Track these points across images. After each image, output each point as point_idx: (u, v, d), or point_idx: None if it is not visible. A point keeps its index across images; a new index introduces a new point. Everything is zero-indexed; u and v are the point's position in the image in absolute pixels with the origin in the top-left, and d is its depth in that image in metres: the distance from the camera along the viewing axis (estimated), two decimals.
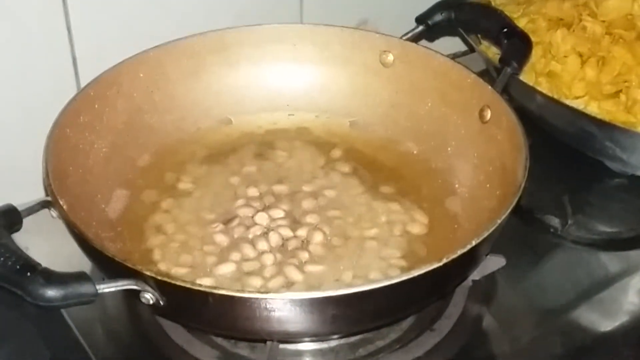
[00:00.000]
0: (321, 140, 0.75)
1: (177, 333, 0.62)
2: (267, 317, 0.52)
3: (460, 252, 0.54)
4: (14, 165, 0.72)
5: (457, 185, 0.70)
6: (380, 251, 0.65)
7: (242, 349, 0.61)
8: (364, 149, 0.75)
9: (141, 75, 0.71)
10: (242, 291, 0.53)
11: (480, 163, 0.68)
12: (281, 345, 0.59)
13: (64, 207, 0.57)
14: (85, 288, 0.50)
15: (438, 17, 0.76)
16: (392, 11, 0.85)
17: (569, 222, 0.72)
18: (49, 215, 0.58)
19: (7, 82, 0.70)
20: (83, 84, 0.70)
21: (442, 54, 0.74)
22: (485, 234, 0.55)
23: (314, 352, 0.62)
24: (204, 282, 0.60)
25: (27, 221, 0.58)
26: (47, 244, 0.65)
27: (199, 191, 0.70)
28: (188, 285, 0.51)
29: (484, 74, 0.79)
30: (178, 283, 0.51)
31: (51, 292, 0.49)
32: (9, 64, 0.69)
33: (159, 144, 0.72)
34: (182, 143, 0.73)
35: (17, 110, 0.71)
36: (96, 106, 0.68)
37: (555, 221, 0.72)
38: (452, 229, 0.67)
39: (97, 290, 0.51)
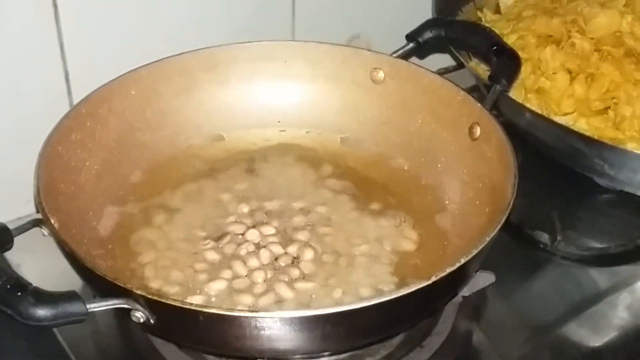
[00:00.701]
0: (312, 156, 0.75)
1: (168, 350, 0.62)
2: (257, 335, 0.52)
3: (449, 270, 0.54)
4: (5, 182, 0.72)
5: (447, 202, 0.70)
6: (371, 268, 0.65)
7: None
8: (354, 165, 0.75)
9: (133, 92, 0.71)
10: (232, 310, 0.53)
11: (470, 180, 0.69)
12: None
13: (55, 225, 0.57)
14: (75, 307, 0.50)
15: (428, 35, 0.76)
16: (383, 28, 0.86)
17: (558, 237, 0.72)
18: (41, 233, 0.59)
19: None
20: (76, 101, 0.70)
21: (432, 71, 0.74)
22: (474, 252, 0.56)
23: None
24: (195, 300, 0.60)
25: (18, 238, 0.58)
26: (38, 262, 0.65)
27: (190, 208, 0.70)
28: (178, 304, 0.52)
29: (475, 89, 0.80)
30: (168, 302, 0.52)
31: (41, 312, 0.49)
32: (1, 81, 0.69)
33: (151, 161, 0.73)
34: (174, 160, 0.74)
35: (9, 127, 0.71)
36: (88, 124, 0.68)
37: (544, 237, 0.73)
38: (442, 245, 0.67)
39: (87, 309, 0.51)
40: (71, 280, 0.58)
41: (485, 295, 0.67)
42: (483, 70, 0.80)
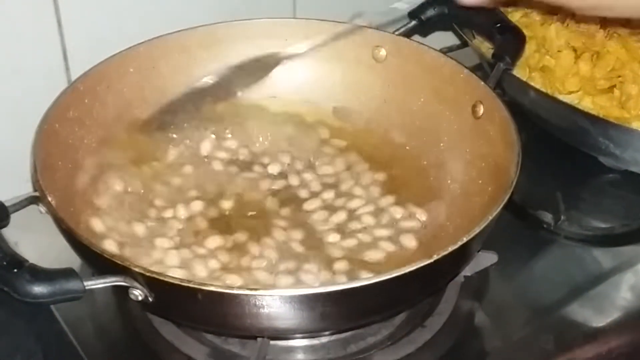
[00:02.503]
0: (313, 134, 0.74)
1: (167, 329, 0.62)
2: (256, 313, 0.52)
3: (451, 248, 0.54)
4: (3, 160, 0.71)
5: (449, 181, 0.69)
6: (373, 246, 0.64)
7: (233, 346, 0.61)
8: (356, 144, 0.74)
9: (131, 70, 0.71)
10: (232, 287, 0.52)
11: (473, 159, 0.68)
12: (272, 342, 0.59)
13: (52, 202, 0.57)
14: (72, 284, 0.50)
15: (431, 12, 0.75)
16: (385, 5, 0.85)
17: (562, 217, 0.71)
18: (38, 211, 0.58)
19: None
20: (74, 78, 0.70)
21: (435, 49, 0.73)
22: (476, 231, 0.55)
23: (305, 349, 0.62)
24: (195, 278, 0.59)
25: (16, 216, 0.57)
26: (36, 239, 0.65)
27: (191, 183, 0.69)
28: (176, 282, 0.51)
29: (478, 68, 0.79)
30: (166, 279, 0.51)
31: (38, 289, 0.49)
32: None
33: None
34: None
35: (6, 104, 0.71)
36: (86, 101, 0.67)
37: (548, 217, 0.72)
38: (444, 225, 0.66)
39: (84, 286, 0.50)
40: (69, 258, 0.57)
41: (487, 275, 0.67)
42: (487, 48, 0.79)
